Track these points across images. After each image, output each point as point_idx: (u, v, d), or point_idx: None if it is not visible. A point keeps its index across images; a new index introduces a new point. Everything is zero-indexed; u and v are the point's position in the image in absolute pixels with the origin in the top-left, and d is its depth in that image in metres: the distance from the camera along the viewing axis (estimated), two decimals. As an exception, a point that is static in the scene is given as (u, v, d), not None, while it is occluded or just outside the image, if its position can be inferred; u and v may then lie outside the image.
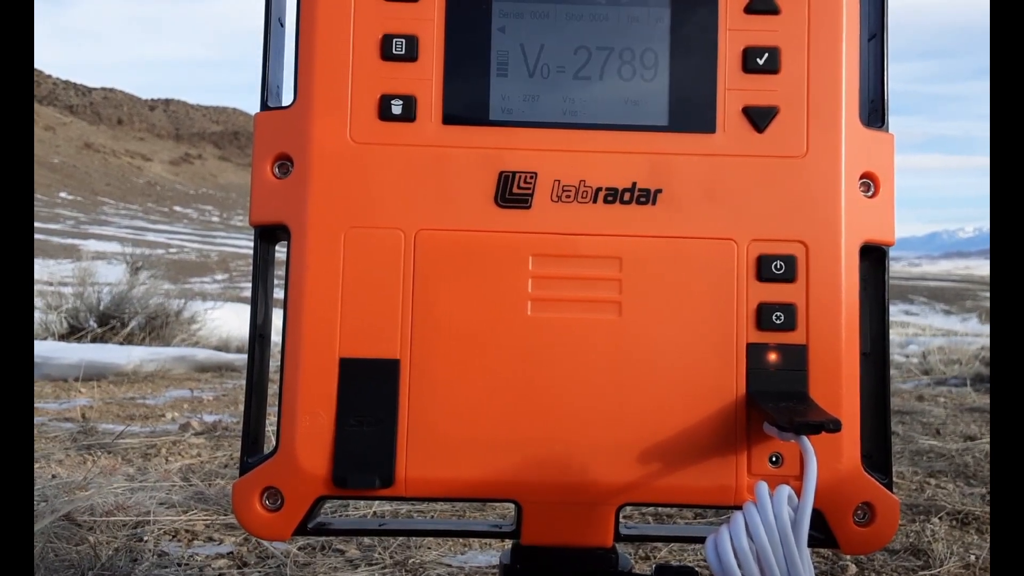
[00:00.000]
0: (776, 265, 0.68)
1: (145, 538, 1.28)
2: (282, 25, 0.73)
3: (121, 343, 4.31)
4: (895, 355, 5.22)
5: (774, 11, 0.69)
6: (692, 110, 0.69)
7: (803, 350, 0.67)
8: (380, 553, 1.25)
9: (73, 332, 4.43)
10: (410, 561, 1.23)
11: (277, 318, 0.72)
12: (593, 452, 0.66)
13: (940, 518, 1.41)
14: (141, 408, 2.71)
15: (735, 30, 0.69)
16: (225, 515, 1.41)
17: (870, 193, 0.70)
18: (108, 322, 4.50)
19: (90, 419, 2.41)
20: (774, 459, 0.67)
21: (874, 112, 0.72)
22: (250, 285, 0.71)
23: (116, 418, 2.50)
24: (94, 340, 4.35)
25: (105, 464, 1.75)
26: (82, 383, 3.27)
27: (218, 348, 4.62)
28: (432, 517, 1.45)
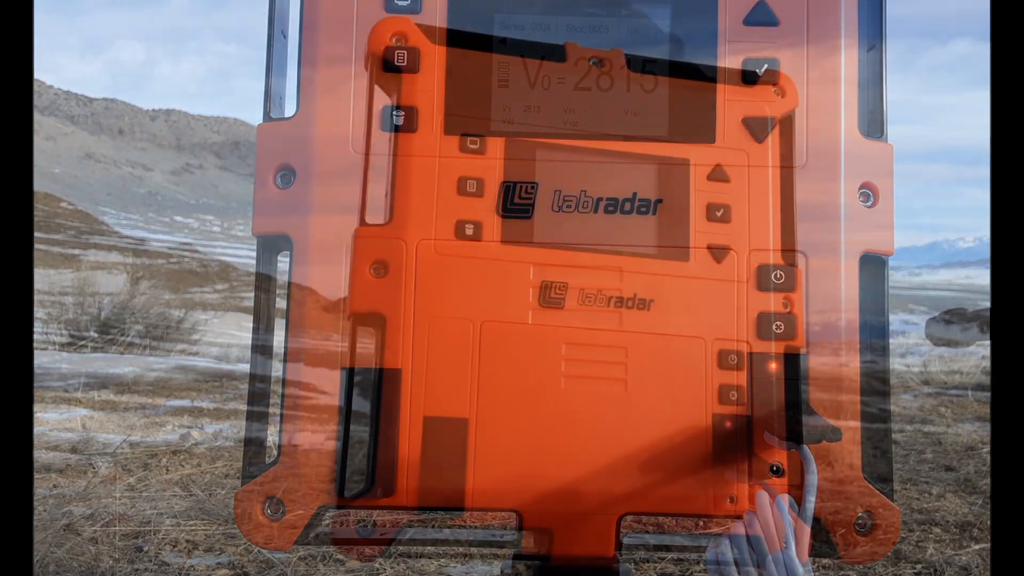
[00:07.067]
0: (776, 275, 0.68)
1: (145, 548, 1.27)
2: (285, 37, 0.73)
3: (122, 353, 4.31)
4: (895, 364, 5.21)
5: (773, 23, 0.70)
6: (692, 120, 0.69)
7: (803, 359, 0.68)
8: (381, 563, 1.25)
9: (73, 342, 4.43)
10: (411, 571, 1.22)
11: (279, 328, 0.72)
12: (595, 462, 0.67)
13: (941, 527, 1.41)
14: (142, 418, 2.71)
15: (735, 41, 0.70)
16: (226, 525, 1.40)
17: (869, 203, 0.70)
18: (109, 332, 4.50)
19: (90, 429, 2.41)
20: (775, 468, 0.67)
21: (873, 122, 0.72)
22: (251, 295, 0.71)
23: (116, 428, 2.50)
24: (95, 350, 4.35)
25: (105, 474, 1.74)
26: (82, 393, 3.27)
27: (219, 358, 4.62)
28: (433, 527, 1.45)
